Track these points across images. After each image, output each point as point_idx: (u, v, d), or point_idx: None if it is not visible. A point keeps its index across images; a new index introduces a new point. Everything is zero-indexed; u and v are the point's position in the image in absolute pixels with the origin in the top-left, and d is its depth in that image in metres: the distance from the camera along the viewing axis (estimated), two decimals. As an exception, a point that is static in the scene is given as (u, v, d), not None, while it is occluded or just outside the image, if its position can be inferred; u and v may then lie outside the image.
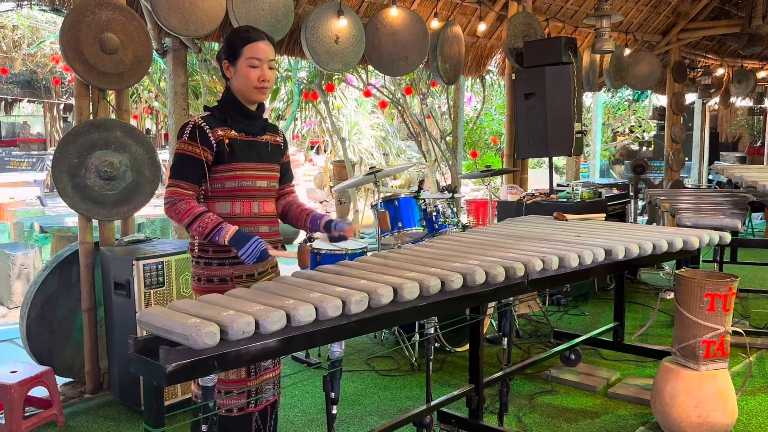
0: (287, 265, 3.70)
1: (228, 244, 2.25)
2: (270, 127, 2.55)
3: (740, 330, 3.30)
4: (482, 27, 6.12)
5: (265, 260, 2.27)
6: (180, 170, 2.33)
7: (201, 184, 2.37)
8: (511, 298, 3.06)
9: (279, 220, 2.60)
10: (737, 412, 3.17)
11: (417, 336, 4.19)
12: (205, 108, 2.45)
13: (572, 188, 5.66)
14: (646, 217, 8.95)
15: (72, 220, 6.52)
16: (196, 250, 2.42)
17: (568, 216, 3.91)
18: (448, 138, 8.96)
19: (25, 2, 3.83)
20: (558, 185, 6.39)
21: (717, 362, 3.11)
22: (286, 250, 2.53)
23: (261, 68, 2.35)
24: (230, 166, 2.36)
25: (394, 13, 5.22)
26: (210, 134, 2.32)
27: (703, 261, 5.13)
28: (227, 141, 2.34)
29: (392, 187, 12.07)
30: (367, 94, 9.45)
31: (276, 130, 2.57)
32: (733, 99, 10.74)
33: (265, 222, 2.47)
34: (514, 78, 6.13)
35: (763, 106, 13.52)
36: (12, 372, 3.31)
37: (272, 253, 2.30)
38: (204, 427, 1.94)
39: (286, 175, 2.61)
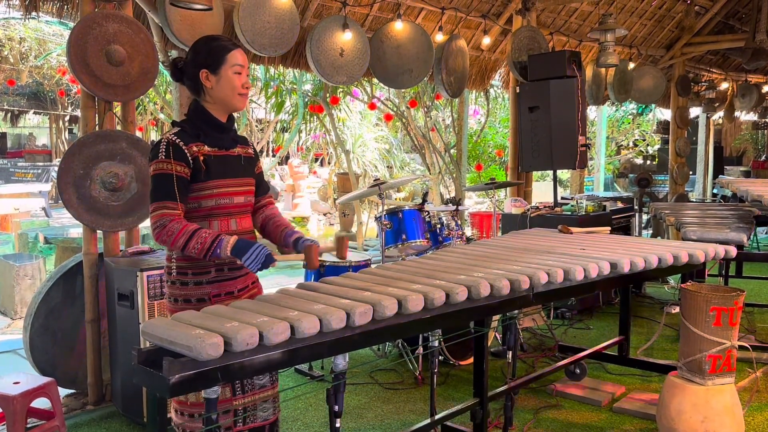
0: (292, 267, 3.65)
1: (230, 255, 2.17)
2: (240, 139, 2.46)
3: (747, 345, 3.28)
4: (486, 41, 6.15)
5: (270, 265, 2.18)
6: (162, 191, 2.21)
7: (186, 202, 2.26)
8: (516, 311, 3.05)
9: (256, 235, 2.52)
10: (744, 427, 3.14)
11: (421, 349, 4.18)
12: (174, 123, 2.36)
13: (576, 201, 5.65)
14: (650, 231, 8.93)
15: (76, 231, 6.53)
16: (174, 273, 2.34)
17: (573, 229, 3.90)
18: (452, 151, 8.99)
19: (33, 14, 3.86)
20: (562, 198, 6.38)
21: (723, 377, 3.09)
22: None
23: (243, 75, 2.33)
24: (207, 185, 2.28)
25: (399, 27, 5.25)
26: (186, 150, 2.24)
27: (708, 275, 5.12)
28: (202, 158, 2.26)
29: (396, 199, 12.07)
30: (372, 106, 9.49)
31: (246, 142, 2.49)
32: (737, 113, 10.74)
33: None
34: (518, 91, 6.15)
35: (767, 120, 13.52)
36: (15, 383, 3.29)
37: (277, 258, 2.23)
38: (206, 440, 1.92)
39: (260, 187, 2.52)
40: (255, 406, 2.39)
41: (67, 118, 19.98)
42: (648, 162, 14.84)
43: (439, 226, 4.51)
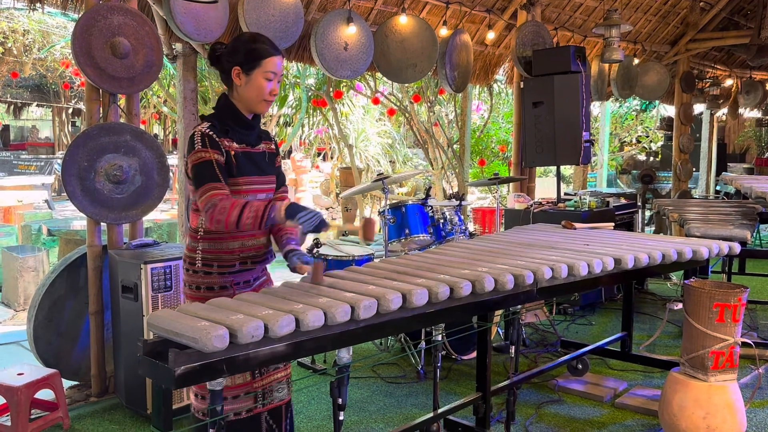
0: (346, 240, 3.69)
1: (285, 216, 2.15)
2: (263, 134, 2.50)
3: (749, 341, 3.28)
4: (491, 35, 6.13)
5: (322, 228, 2.17)
6: (206, 175, 2.25)
7: (228, 185, 2.29)
8: (519, 306, 3.05)
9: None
10: (746, 424, 3.15)
11: (423, 343, 4.18)
12: (203, 117, 2.39)
13: (580, 197, 5.65)
14: (653, 227, 8.92)
15: (80, 223, 6.54)
16: (199, 264, 2.37)
17: (577, 224, 3.89)
18: (455, 146, 8.97)
19: (37, 6, 3.86)
20: (565, 194, 6.38)
21: (726, 373, 3.09)
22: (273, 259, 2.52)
23: (273, 82, 2.36)
24: (236, 180, 2.33)
25: (404, 21, 5.24)
26: (219, 142, 2.30)
27: (711, 272, 5.11)
28: (233, 153, 2.32)
29: (398, 194, 12.06)
30: (376, 101, 9.47)
31: (269, 137, 2.53)
32: (741, 110, 10.71)
33: (263, 233, 2.45)
34: (522, 86, 6.13)
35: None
36: (19, 374, 3.31)
37: (331, 223, 2.26)
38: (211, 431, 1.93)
39: (277, 181, 2.55)
40: (272, 388, 2.45)
41: (70, 110, 20.00)
42: (651, 158, 14.82)
43: (442, 221, 4.52)
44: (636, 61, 7.76)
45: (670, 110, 12.81)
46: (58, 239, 6.67)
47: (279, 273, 2.76)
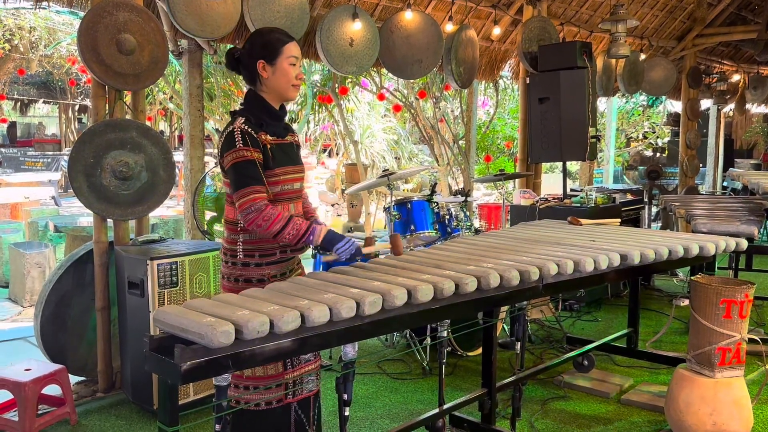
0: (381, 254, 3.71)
1: (321, 242, 2.30)
2: (288, 127, 2.58)
3: (756, 337, 3.26)
4: (497, 31, 6.12)
5: (357, 256, 2.32)
6: (249, 176, 2.30)
7: (267, 177, 2.36)
8: (525, 302, 3.05)
9: None
10: (753, 420, 3.14)
11: (428, 339, 4.18)
12: (235, 113, 2.42)
13: (586, 193, 5.63)
14: (659, 224, 8.89)
15: (86, 220, 6.56)
16: (241, 256, 2.41)
17: (583, 220, 3.88)
18: (460, 142, 8.96)
19: (44, 2, 3.86)
20: (571, 190, 6.36)
21: (732, 370, 3.08)
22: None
23: (297, 66, 2.43)
24: (273, 172, 2.38)
25: (409, 17, 5.23)
26: (257, 138, 2.35)
27: (717, 268, 5.09)
28: (269, 146, 2.38)
29: (404, 190, 12.05)
30: (381, 97, 9.46)
31: (293, 130, 2.60)
32: (748, 105, 10.65)
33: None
34: (528, 82, 6.11)
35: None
36: (26, 370, 3.33)
37: (365, 251, 2.36)
38: (217, 427, 1.94)
39: None
40: (302, 380, 2.50)
41: (76, 107, 20.06)
42: (658, 154, 14.75)
43: (447, 217, 4.51)
44: (642, 56, 7.72)
45: (676, 106, 12.76)
46: (65, 235, 6.70)
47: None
